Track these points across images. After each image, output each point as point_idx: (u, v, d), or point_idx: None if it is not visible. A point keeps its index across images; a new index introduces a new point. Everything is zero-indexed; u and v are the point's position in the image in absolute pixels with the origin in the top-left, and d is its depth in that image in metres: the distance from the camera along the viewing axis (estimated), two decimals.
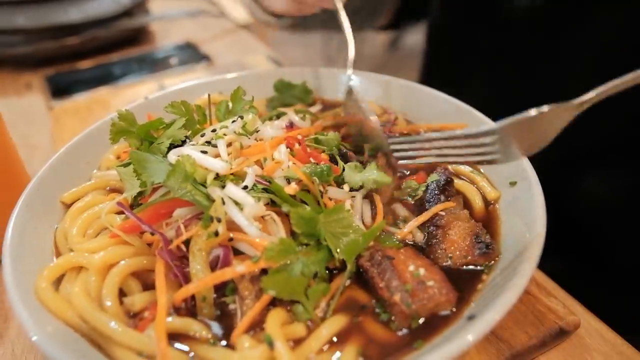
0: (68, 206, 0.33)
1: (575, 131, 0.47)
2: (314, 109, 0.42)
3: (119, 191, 0.34)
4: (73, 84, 0.63)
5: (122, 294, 0.27)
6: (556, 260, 0.39)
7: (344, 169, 0.31)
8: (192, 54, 0.72)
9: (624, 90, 0.30)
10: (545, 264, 0.38)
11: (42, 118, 0.59)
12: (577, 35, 0.45)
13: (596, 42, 0.45)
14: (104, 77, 0.65)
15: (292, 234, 0.28)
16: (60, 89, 0.62)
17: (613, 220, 0.50)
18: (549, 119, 0.31)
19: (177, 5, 0.91)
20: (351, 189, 0.31)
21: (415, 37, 0.69)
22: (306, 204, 0.28)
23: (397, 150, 0.33)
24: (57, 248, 0.30)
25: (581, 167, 0.50)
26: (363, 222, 0.30)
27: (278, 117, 0.37)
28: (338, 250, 0.26)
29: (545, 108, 0.30)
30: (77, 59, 0.71)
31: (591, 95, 0.31)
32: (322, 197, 0.29)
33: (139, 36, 0.80)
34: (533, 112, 0.30)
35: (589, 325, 0.33)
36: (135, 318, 0.26)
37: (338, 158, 0.33)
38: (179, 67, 0.67)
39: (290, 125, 0.35)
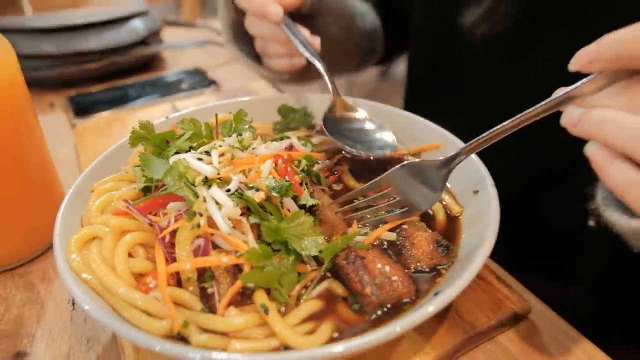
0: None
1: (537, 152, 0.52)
2: (317, 139, 0.48)
3: None
4: (93, 104, 0.69)
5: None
6: (512, 258, 0.45)
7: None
8: (200, 79, 0.77)
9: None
10: (506, 262, 0.43)
11: (65, 134, 0.66)
12: (539, 61, 0.51)
13: (558, 67, 0.50)
14: (121, 99, 0.70)
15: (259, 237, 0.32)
16: (81, 109, 0.68)
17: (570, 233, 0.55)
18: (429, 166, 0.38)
19: (187, 35, 0.98)
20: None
21: (403, 67, 0.76)
22: (271, 213, 0.33)
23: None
24: (82, 225, 0.36)
25: (542, 186, 0.55)
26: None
27: (282, 139, 0.42)
28: (303, 248, 0.31)
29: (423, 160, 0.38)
30: (97, 82, 0.78)
31: (477, 141, 0.37)
32: (282, 207, 0.34)
33: (152, 62, 0.86)
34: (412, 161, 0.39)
35: (539, 311, 0.37)
36: (140, 281, 0.31)
37: (305, 183, 0.37)
38: (189, 91, 0.73)
39: (290, 147, 0.40)
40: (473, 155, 0.41)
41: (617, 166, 0.31)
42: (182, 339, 0.28)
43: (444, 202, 0.40)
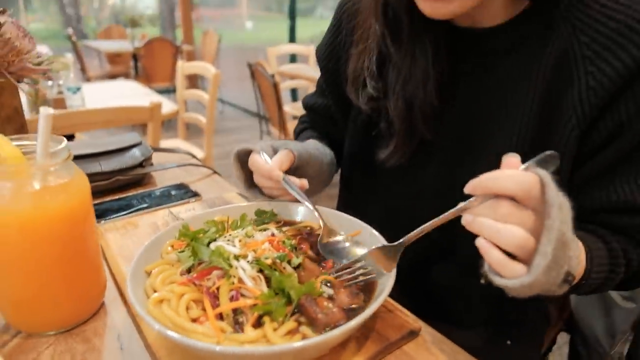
0: (148, 273, 0.59)
1: None
2: (285, 227, 0.69)
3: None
4: (105, 211, 0.88)
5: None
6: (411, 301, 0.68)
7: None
8: (186, 191, 1.00)
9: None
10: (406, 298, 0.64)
11: None
12: (425, 181, 0.72)
13: (437, 184, 0.77)
14: (126, 207, 0.89)
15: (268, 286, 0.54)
16: (97, 215, 0.87)
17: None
18: (385, 251, 0.55)
19: (170, 158, 1.23)
20: None
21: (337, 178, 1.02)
22: (275, 271, 0.56)
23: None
24: (146, 293, 0.55)
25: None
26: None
27: (265, 229, 0.65)
28: (291, 293, 0.53)
29: (378, 247, 0.55)
30: (105, 194, 0.99)
31: (409, 236, 0.52)
32: (283, 268, 0.57)
33: (145, 179, 1.09)
34: (375, 248, 0.55)
35: (427, 329, 0.61)
36: (195, 322, 0.51)
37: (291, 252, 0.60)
38: (179, 200, 0.94)
39: (272, 234, 0.64)
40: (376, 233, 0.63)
41: (492, 251, 0.44)
42: None
43: None
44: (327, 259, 0.62)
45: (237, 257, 0.54)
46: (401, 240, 0.53)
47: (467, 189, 0.45)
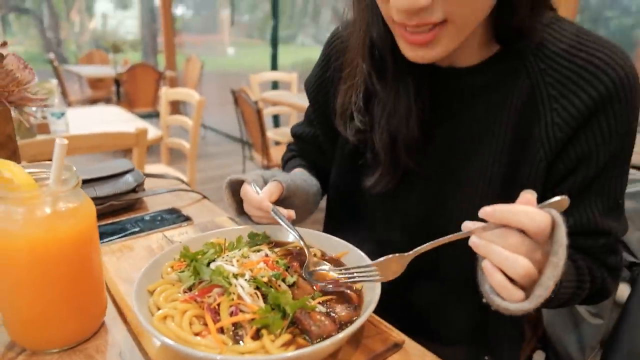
0: (150, 292, 0.63)
1: None
2: (277, 248, 0.73)
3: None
4: (102, 234, 0.91)
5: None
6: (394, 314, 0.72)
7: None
8: (178, 215, 1.03)
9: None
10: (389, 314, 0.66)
11: None
12: (408, 208, 0.78)
13: (420, 209, 0.83)
14: (121, 230, 0.92)
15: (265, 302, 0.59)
16: None
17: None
18: (394, 262, 0.58)
19: (160, 183, 1.27)
20: None
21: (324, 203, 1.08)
22: (271, 287, 0.60)
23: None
24: (150, 310, 0.59)
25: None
26: None
27: (258, 250, 0.70)
28: (287, 308, 0.58)
29: (389, 257, 0.57)
30: (99, 219, 1.02)
31: (418, 249, 0.55)
32: (278, 286, 0.62)
33: (137, 204, 1.12)
34: (383, 258, 0.58)
35: (410, 343, 0.66)
36: (197, 336, 0.55)
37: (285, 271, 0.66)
38: (172, 224, 0.98)
39: (266, 255, 0.69)
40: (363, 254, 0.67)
41: (496, 274, 0.48)
42: None
43: None
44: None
45: (235, 276, 0.59)
46: (412, 251, 0.56)
47: (484, 214, 0.48)
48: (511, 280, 0.48)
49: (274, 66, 5.42)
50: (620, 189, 0.67)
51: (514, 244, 0.47)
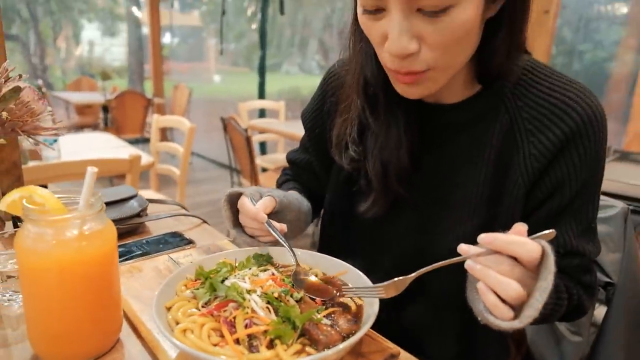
0: (167, 308, 0.67)
1: None
2: (281, 269, 0.77)
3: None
4: None
5: None
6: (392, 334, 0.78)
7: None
8: (181, 239, 1.08)
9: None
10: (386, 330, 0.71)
11: None
12: (397, 232, 0.84)
13: (409, 234, 0.90)
14: (127, 253, 0.96)
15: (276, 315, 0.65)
16: None
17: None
18: (395, 285, 0.62)
19: (160, 208, 1.32)
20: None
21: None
22: (281, 302, 0.66)
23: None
24: (169, 324, 0.64)
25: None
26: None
27: (265, 269, 0.76)
28: (296, 320, 0.64)
29: (393, 280, 0.61)
30: None
31: (419, 272, 0.59)
32: (287, 301, 0.68)
33: (140, 228, 1.17)
34: (387, 282, 0.62)
35: (405, 354, 0.72)
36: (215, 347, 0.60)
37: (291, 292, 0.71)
38: (176, 247, 1.03)
39: (272, 274, 0.75)
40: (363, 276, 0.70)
41: (489, 295, 0.53)
42: None
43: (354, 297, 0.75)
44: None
45: (248, 292, 0.65)
46: (413, 274, 0.61)
47: (483, 241, 0.54)
48: (502, 300, 0.53)
49: (262, 94, 5.54)
50: (592, 212, 0.73)
51: (506, 269, 0.53)
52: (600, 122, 0.68)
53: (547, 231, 0.55)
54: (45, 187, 2.21)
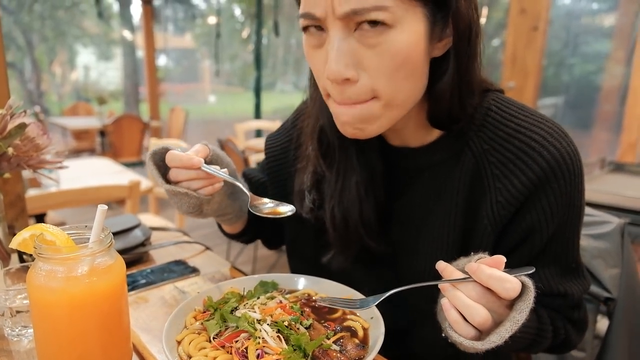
0: (177, 342, 0.68)
1: None
2: (287, 295, 0.79)
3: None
4: None
5: None
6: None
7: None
8: (185, 267, 1.09)
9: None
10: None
11: None
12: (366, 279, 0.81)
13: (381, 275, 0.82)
14: (133, 282, 0.95)
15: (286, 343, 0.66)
16: None
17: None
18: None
19: (162, 235, 1.33)
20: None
21: None
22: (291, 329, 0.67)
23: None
24: (180, 357, 0.65)
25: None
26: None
27: (272, 297, 0.78)
28: (307, 348, 0.65)
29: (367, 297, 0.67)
30: None
31: (387, 294, 0.63)
32: (297, 329, 0.69)
33: (144, 257, 1.18)
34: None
35: None
36: None
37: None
38: (181, 275, 1.03)
39: (280, 302, 0.76)
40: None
41: (451, 312, 0.55)
42: None
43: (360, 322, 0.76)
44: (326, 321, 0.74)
45: (259, 321, 0.66)
46: (387, 293, 0.66)
47: (469, 269, 0.56)
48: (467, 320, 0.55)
49: (257, 115, 5.59)
50: (573, 253, 0.70)
51: (477, 294, 0.54)
52: (571, 164, 0.64)
53: (526, 268, 0.56)
54: (44, 215, 2.22)
